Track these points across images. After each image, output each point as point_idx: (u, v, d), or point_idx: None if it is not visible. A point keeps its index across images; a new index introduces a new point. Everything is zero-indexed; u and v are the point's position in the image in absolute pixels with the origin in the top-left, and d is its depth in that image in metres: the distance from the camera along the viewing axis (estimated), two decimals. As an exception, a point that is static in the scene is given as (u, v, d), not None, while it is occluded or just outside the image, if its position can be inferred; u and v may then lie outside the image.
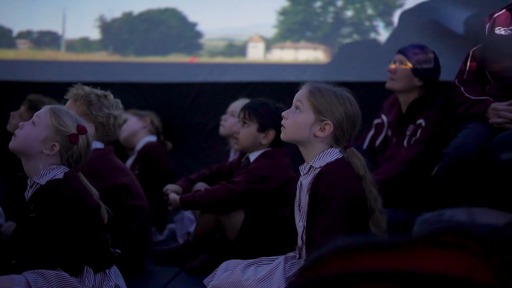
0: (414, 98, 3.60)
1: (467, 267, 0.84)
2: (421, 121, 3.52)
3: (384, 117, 3.82)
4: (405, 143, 3.56)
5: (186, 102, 5.12)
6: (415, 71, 3.56)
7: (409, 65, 3.57)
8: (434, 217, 1.31)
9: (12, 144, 2.51)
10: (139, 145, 4.25)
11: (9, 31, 6.78)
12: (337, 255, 0.82)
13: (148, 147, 4.22)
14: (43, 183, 2.45)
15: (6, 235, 3.11)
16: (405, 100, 3.62)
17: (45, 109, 2.57)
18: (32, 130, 2.50)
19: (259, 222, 3.21)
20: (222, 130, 4.16)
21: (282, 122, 2.47)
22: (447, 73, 3.64)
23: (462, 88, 3.26)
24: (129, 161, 4.25)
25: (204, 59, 6.19)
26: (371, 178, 2.44)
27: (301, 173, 2.50)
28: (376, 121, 3.87)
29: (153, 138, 4.33)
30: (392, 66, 3.62)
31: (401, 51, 3.62)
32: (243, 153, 3.45)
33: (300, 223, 2.47)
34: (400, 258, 0.83)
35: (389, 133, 3.76)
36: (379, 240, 0.85)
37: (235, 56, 6.27)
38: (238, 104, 3.94)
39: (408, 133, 3.56)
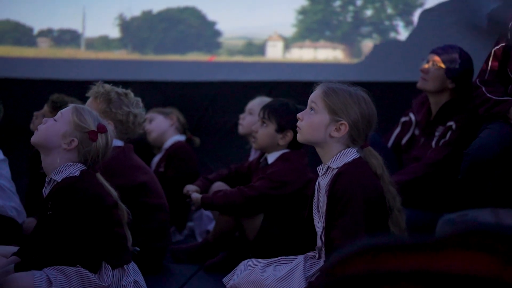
0: (445, 100, 3.55)
1: (493, 268, 0.83)
2: (451, 123, 3.48)
3: (412, 116, 3.79)
4: (433, 144, 3.53)
5: (205, 101, 5.13)
6: (448, 73, 3.52)
7: (443, 66, 3.53)
8: (458, 217, 1.30)
9: (33, 138, 2.54)
10: (168, 143, 4.25)
11: (30, 30, 6.83)
12: (362, 255, 0.82)
13: (176, 146, 4.20)
14: (59, 180, 2.47)
15: (27, 232, 3.14)
16: (436, 101, 3.58)
17: (68, 107, 2.61)
18: (54, 125, 2.54)
19: (279, 222, 3.20)
20: (241, 129, 4.15)
21: (298, 123, 2.47)
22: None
23: (483, 88, 3.22)
24: (156, 159, 4.26)
25: (223, 57, 6.20)
26: (389, 177, 2.42)
27: (319, 174, 2.49)
28: (403, 119, 3.84)
29: (181, 138, 4.32)
30: (425, 66, 3.58)
31: (435, 51, 3.58)
32: (263, 152, 3.45)
33: (319, 224, 2.46)
34: (425, 259, 0.82)
35: (417, 132, 3.73)
36: (404, 240, 0.84)
37: (254, 55, 6.27)
38: (256, 103, 3.94)
39: (437, 134, 3.53)
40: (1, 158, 3.43)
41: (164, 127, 4.30)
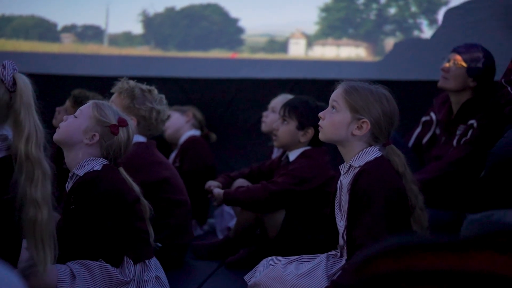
0: (467, 98, 3.52)
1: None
2: (472, 121, 3.45)
3: (433, 115, 3.77)
4: (454, 142, 3.50)
5: (227, 98, 5.12)
6: (469, 71, 3.49)
7: (464, 64, 3.50)
8: (483, 218, 1.28)
9: (55, 136, 2.56)
10: (182, 139, 4.28)
11: (54, 25, 6.89)
12: (390, 254, 0.81)
13: (190, 140, 4.24)
14: (82, 175, 2.49)
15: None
16: (457, 100, 3.56)
17: (88, 103, 2.63)
18: (75, 121, 2.56)
19: (300, 220, 3.20)
20: (264, 127, 4.15)
21: (319, 122, 2.47)
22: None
23: (509, 88, 3.19)
24: (172, 155, 4.28)
25: (245, 55, 6.20)
26: (411, 175, 2.41)
27: (341, 172, 2.48)
28: (424, 118, 3.82)
29: (196, 132, 4.34)
30: (446, 65, 3.55)
31: (456, 50, 3.55)
32: (284, 151, 3.44)
33: (341, 223, 2.46)
34: (453, 259, 0.81)
35: (438, 131, 3.70)
36: (432, 240, 0.83)
37: (276, 53, 6.27)
38: (279, 100, 3.93)
39: (458, 133, 3.50)
40: None
41: (179, 124, 4.32)
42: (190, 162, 4.09)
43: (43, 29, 6.53)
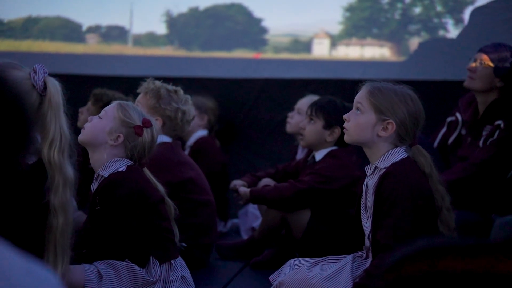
0: (493, 98, 3.48)
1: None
2: (499, 122, 3.41)
3: (458, 115, 3.73)
4: (480, 143, 3.46)
5: (251, 98, 5.12)
6: (496, 71, 3.45)
7: (491, 64, 3.46)
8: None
9: (80, 137, 2.58)
10: (191, 140, 4.24)
11: (79, 26, 6.94)
12: (420, 257, 0.80)
13: (201, 141, 4.20)
14: (106, 176, 2.50)
15: (77, 225, 3.19)
16: (484, 100, 3.51)
17: (113, 103, 2.64)
18: (99, 122, 2.58)
19: (326, 221, 3.19)
20: (289, 127, 4.15)
21: (344, 125, 2.46)
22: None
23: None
24: None
25: (269, 55, 6.20)
26: (438, 176, 2.39)
27: (367, 173, 2.47)
28: (450, 119, 3.79)
29: (204, 132, 4.31)
30: (472, 64, 3.51)
31: (483, 50, 3.51)
32: (310, 151, 3.44)
33: (367, 224, 2.44)
34: (485, 261, 0.80)
35: (463, 132, 3.67)
36: (463, 242, 0.82)
37: (300, 52, 6.26)
38: (305, 102, 3.92)
39: (484, 133, 3.46)
40: None
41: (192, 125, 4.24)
42: (207, 164, 4.04)
43: (69, 30, 6.59)
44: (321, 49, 6.32)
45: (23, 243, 1.09)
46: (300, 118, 3.80)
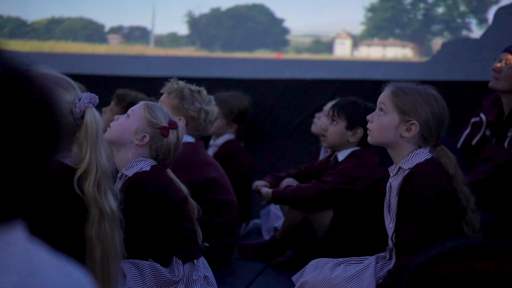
0: None
1: None
2: None
3: (483, 116, 3.69)
4: (505, 144, 3.42)
5: (272, 98, 5.11)
6: None
7: None
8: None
9: (106, 135, 2.58)
10: (219, 141, 4.22)
11: (102, 27, 6.99)
12: (449, 258, 0.79)
13: (229, 145, 4.16)
14: (130, 175, 2.51)
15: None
16: (509, 101, 3.48)
17: (140, 103, 2.66)
18: (126, 121, 2.59)
19: (348, 221, 3.17)
20: (314, 128, 4.14)
21: (368, 125, 2.45)
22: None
23: None
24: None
25: (290, 55, 6.20)
26: (462, 177, 2.38)
27: (390, 174, 2.46)
28: (474, 119, 3.75)
29: (231, 136, 4.27)
30: (497, 65, 3.48)
31: (508, 50, 3.47)
32: (333, 151, 3.42)
33: (390, 225, 2.43)
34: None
35: (488, 133, 3.63)
36: (492, 243, 0.81)
37: (321, 53, 6.25)
38: None
39: (509, 134, 3.43)
40: None
41: (220, 126, 4.18)
42: (236, 168, 4.01)
43: (91, 30, 6.63)
44: (342, 50, 6.30)
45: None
46: (327, 120, 3.78)
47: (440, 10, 5.72)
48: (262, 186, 3.40)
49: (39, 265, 0.82)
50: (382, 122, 2.40)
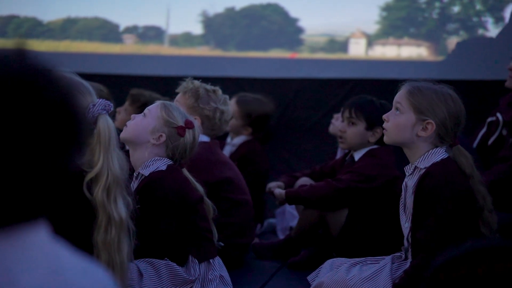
0: None
1: None
2: None
3: (499, 116, 3.67)
4: (522, 144, 3.40)
5: (286, 98, 5.11)
6: None
7: None
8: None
9: (122, 134, 2.60)
10: (236, 141, 4.20)
11: (117, 26, 7.01)
12: (468, 259, 0.79)
13: (247, 147, 4.13)
14: (147, 174, 2.51)
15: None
16: None
17: (156, 103, 2.66)
18: (143, 120, 2.59)
19: (363, 219, 3.15)
20: (331, 128, 4.11)
21: (384, 125, 2.45)
22: None
23: None
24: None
25: (304, 54, 6.19)
26: (479, 176, 2.36)
27: (406, 173, 2.45)
28: (490, 119, 3.73)
29: (249, 137, 4.25)
30: (513, 64, 3.45)
31: None
32: (349, 151, 3.39)
33: (406, 224, 2.42)
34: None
35: (504, 132, 3.60)
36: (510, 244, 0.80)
37: (336, 52, 6.23)
38: None
39: (527, 134, 3.40)
40: None
41: (235, 126, 4.15)
42: (254, 170, 3.98)
43: (106, 30, 6.65)
44: (357, 49, 6.28)
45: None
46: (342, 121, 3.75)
47: (456, 9, 5.69)
48: (275, 187, 3.38)
49: (63, 264, 0.83)
50: (398, 122, 2.39)
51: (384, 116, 2.44)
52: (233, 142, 4.21)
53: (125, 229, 1.97)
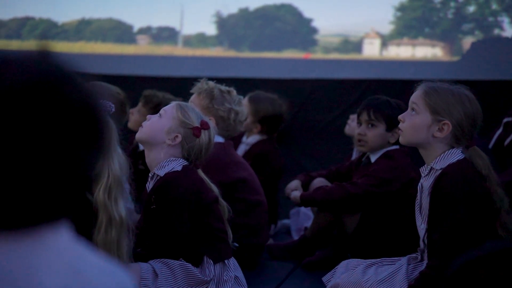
0: None
1: None
2: None
3: (515, 116, 3.64)
4: (539, 145, 3.37)
5: (300, 98, 5.10)
6: None
7: None
8: None
9: (138, 134, 2.61)
10: (251, 140, 4.18)
11: (130, 27, 7.05)
12: (488, 260, 0.78)
13: (262, 147, 4.11)
14: (162, 175, 2.51)
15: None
16: None
17: (172, 103, 2.66)
18: (158, 121, 2.59)
19: (379, 219, 3.13)
20: (347, 129, 4.09)
21: (400, 125, 2.44)
22: None
23: None
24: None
25: (318, 55, 6.18)
26: (496, 177, 2.35)
27: (422, 174, 2.44)
28: (506, 119, 3.71)
29: (264, 136, 4.23)
30: (531, 63, 3.43)
31: None
32: (365, 152, 3.36)
33: (421, 226, 2.41)
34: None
35: (520, 132, 3.58)
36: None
37: (350, 53, 6.22)
38: None
39: (543, 135, 3.38)
40: None
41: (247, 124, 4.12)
42: (269, 171, 3.96)
43: (120, 31, 6.70)
44: (371, 49, 6.27)
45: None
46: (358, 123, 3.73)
47: (471, 8, 5.67)
48: (292, 189, 3.37)
49: (84, 264, 0.84)
50: (414, 122, 2.38)
51: (400, 117, 2.43)
52: (248, 141, 4.20)
53: (125, 229, 1.98)
